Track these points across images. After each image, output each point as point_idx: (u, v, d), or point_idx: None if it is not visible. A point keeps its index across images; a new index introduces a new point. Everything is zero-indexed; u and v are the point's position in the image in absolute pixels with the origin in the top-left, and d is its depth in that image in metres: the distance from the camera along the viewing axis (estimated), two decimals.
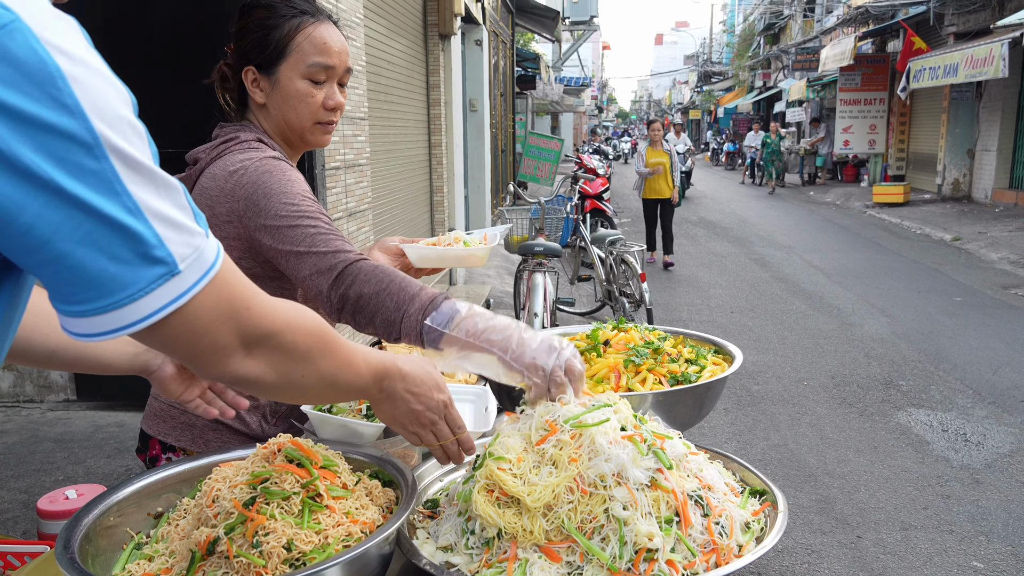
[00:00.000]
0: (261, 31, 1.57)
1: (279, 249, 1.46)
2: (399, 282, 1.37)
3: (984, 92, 15.47)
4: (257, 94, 1.61)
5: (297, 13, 1.57)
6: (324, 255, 1.41)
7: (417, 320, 1.32)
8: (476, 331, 1.27)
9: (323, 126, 1.64)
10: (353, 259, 1.40)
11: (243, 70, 1.60)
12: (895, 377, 5.83)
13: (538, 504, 1.15)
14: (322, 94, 1.60)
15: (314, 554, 1.08)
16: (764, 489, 1.34)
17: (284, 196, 1.47)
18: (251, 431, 1.67)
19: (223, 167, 1.54)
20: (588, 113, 51.16)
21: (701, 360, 1.83)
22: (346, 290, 1.38)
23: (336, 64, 1.60)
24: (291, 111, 1.59)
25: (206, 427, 1.65)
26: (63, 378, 4.71)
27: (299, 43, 1.56)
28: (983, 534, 3.59)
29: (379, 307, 1.36)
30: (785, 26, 33.41)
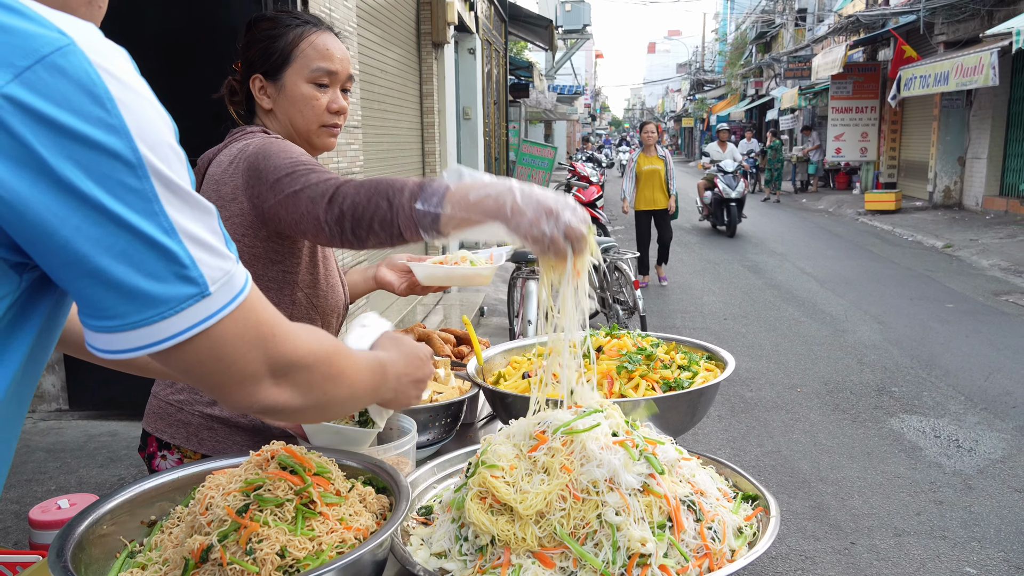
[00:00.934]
0: (267, 40, 1.65)
1: (279, 199, 1.47)
2: (387, 181, 1.36)
3: (974, 100, 15.58)
4: (264, 100, 1.68)
5: (300, 23, 1.66)
6: (317, 184, 1.42)
7: (410, 207, 1.29)
8: (468, 204, 1.23)
9: (328, 129, 1.70)
10: (343, 180, 1.42)
11: (250, 78, 1.68)
12: (888, 383, 5.85)
13: (530, 512, 1.15)
14: (326, 98, 1.67)
15: (308, 561, 1.08)
16: (756, 494, 1.35)
17: (281, 154, 1.51)
18: (249, 422, 1.68)
19: (228, 153, 1.62)
20: (581, 121, 51.32)
21: (694, 366, 1.84)
22: (340, 206, 1.37)
23: (339, 70, 1.67)
24: (297, 114, 1.66)
25: (201, 425, 1.67)
26: (55, 388, 4.69)
27: (303, 49, 1.64)
28: (976, 540, 3.60)
29: (375, 210, 1.33)
30: (777, 35, 33.62)
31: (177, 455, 1.70)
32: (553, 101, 27.24)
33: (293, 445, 1.26)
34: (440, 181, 1.29)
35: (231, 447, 1.68)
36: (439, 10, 7.74)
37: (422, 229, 1.29)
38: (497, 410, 1.85)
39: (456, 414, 1.80)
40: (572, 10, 30.38)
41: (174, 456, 1.71)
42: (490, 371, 1.96)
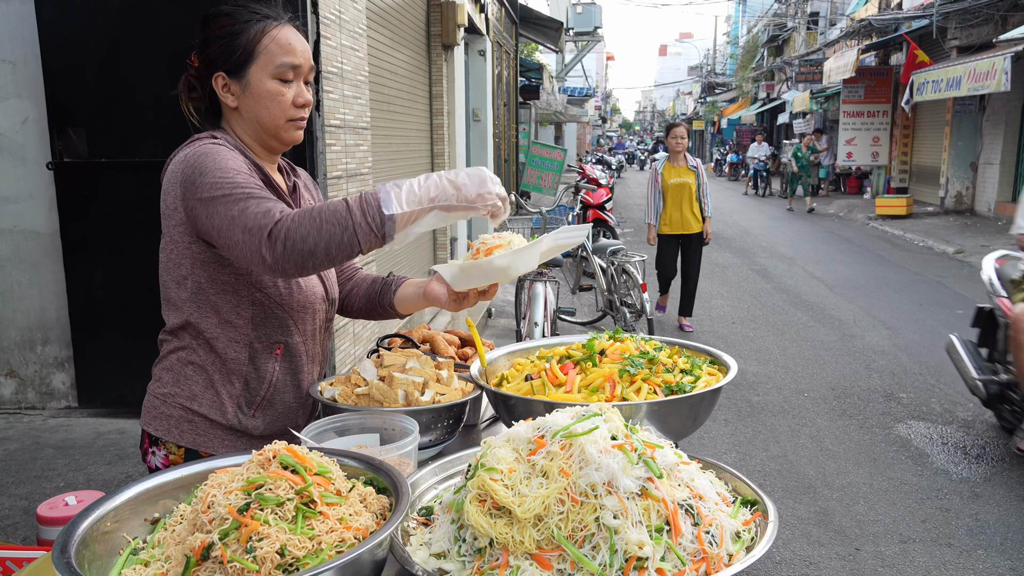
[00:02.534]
0: (227, 37, 1.62)
1: (212, 222, 1.50)
2: (326, 209, 1.42)
3: (987, 105, 15.49)
4: (228, 99, 1.66)
5: (260, 17, 1.64)
6: (253, 215, 1.44)
7: (367, 221, 1.40)
8: (416, 197, 1.43)
9: (295, 123, 1.69)
10: (279, 216, 1.43)
11: (212, 77, 1.65)
12: (896, 389, 5.83)
13: (528, 515, 1.16)
14: (291, 92, 1.66)
15: (307, 559, 1.09)
16: (756, 499, 1.35)
17: (217, 171, 1.51)
18: (227, 421, 1.69)
19: (173, 162, 1.62)
20: (592, 123, 51.27)
21: (696, 370, 1.84)
22: (284, 243, 1.40)
23: (302, 63, 1.66)
24: (264, 111, 1.64)
25: (181, 418, 1.69)
26: (64, 385, 4.73)
27: (266, 45, 1.62)
28: (982, 548, 3.58)
29: (329, 239, 1.40)
30: (789, 38, 33.51)
31: (163, 451, 1.72)
32: (563, 103, 27.25)
33: (294, 445, 1.27)
34: (380, 188, 1.43)
35: (210, 442, 1.70)
36: (449, 12, 7.75)
37: (385, 237, 1.42)
38: (499, 412, 1.85)
39: (459, 415, 1.81)
40: (583, 12, 30.36)
41: (161, 452, 1.72)
42: (493, 373, 1.96)
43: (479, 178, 1.46)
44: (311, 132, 4.13)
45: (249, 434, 1.72)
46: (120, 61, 4.30)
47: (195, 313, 1.66)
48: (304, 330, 1.77)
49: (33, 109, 4.44)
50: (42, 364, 4.70)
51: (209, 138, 1.64)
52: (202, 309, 1.65)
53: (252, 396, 1.71)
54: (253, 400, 1.71)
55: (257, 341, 1.70)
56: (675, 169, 7.33)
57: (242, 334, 1.68)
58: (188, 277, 1.64)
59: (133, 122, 4.34)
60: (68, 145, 4.40)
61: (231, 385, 1.69)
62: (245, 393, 1.70)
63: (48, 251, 4.57)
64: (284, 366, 1.74)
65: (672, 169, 7.34)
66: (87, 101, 4.36)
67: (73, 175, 4.44)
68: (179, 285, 1.65)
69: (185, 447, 1.70)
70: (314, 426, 1.61)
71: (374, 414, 1.66)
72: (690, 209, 7.34)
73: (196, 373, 1.69)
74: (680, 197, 7.30)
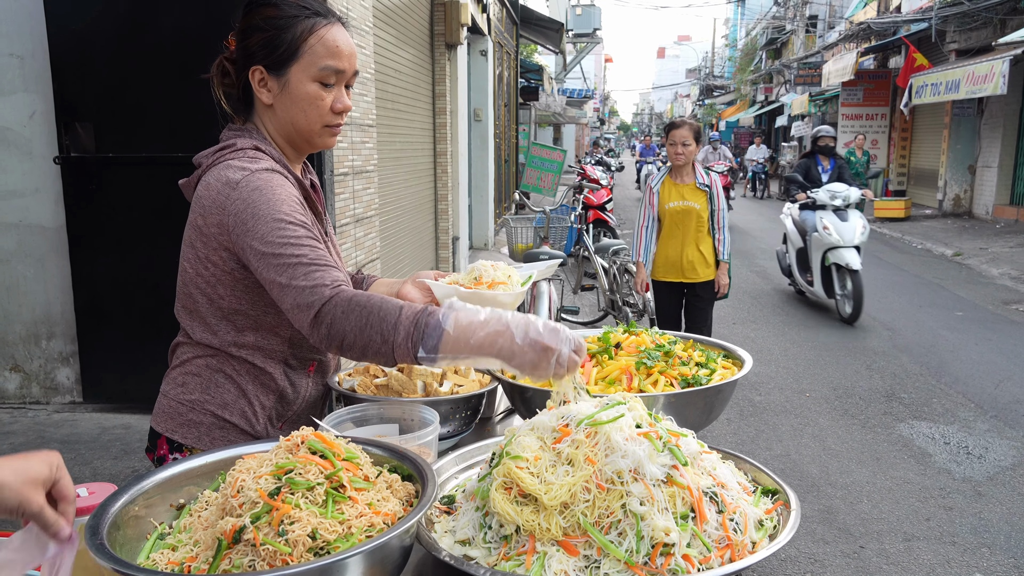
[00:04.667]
0: (272, 31, 1.52)
1: (263, 276, 1.45)
2: (379, 310, 1.34)
3: (985, 109, 15.55)
4: (264, 95, 1.57)
5: (310, 14, 1.53)
6: (303, 290, 1.39)
7: (406, 348, 1.32)
8: (467, 347, 1.29)
9: (330, 129, 1.61)
10: (329, 295, 1.37)
11: (250, 69, 1.56)
12: (897, 390, 5.85)
13: (555, 503, 1.17)
14: (331, 97, 1.57)
15: (338, 543, 1.10)
16: (776, 489, 1.37)
17: (271, 219, 1.43)
18: (256, 432, 1.65)
19: (216, 177, 1.51)
20: (590, 125, 51.32)
21: (711, 364, 1.86)
22: (328, 329, 1.37)
23: (346, 68, 1.57)
24: (300, 114, 1.56)
25: (212, 425, 1.63)
26: (69, 380, 4.73)
27: (312, 45, 1.52)
28: (985, 546, 3.60)
29: (367, 343, 1.35)
30: (787, 41, 33.58)
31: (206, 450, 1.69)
32: (562, 104, 27.26)
33: (322, 432, 1.28)
34: (436, 321, 1.30)
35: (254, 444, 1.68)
36: (453, 11, 7.77)
37: (420, 362, 1.33)
38: (516, 403, 1.87)
39: (476, 407, 1.82)
40: (583, 14, 30.40)
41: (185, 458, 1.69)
42: None
43: (541, 351, 1.28)
44: None
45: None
46: (128, 56, 4.30)
47: (229, 333, 1.60)
48: None
49: (41, 103, 4.44)
50: (47, 359, 4.70)
51: (253, 149, 1.55)
52: (238, 329, 1.60)
53: (285, 410, 1.67)
54: (284, 414, 1.68)
55: (292, 358, 1.66)
56: (678, 188, 5.10)
57: (278, 352, 1.63)
58: (226, 298, 1.57)
59: (140, 117, 4.34)
60: (75, 140, 4.41)
61: (265, 398, 1.64)
62: (278, 407, 1.66)
63: (54, 245, 4.57)
64: (316, 381, 1.72)
65: (673, 188, 5.11)
66: (95, 96, 4.36)
67: (80, 170, 4.44)
68: (213, 304, 1.58)
69: None
70: (333, 416, 1.61)
71: (393, 404, 1.67)
72: (697, 246, 5.09)
73: (227, 382, 1.62)
74: (684, 228, 5.07)
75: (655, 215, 5.19)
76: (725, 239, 5.15)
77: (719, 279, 5.18)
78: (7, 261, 4.61)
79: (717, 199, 5.11)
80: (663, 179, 5.20)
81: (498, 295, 1.49)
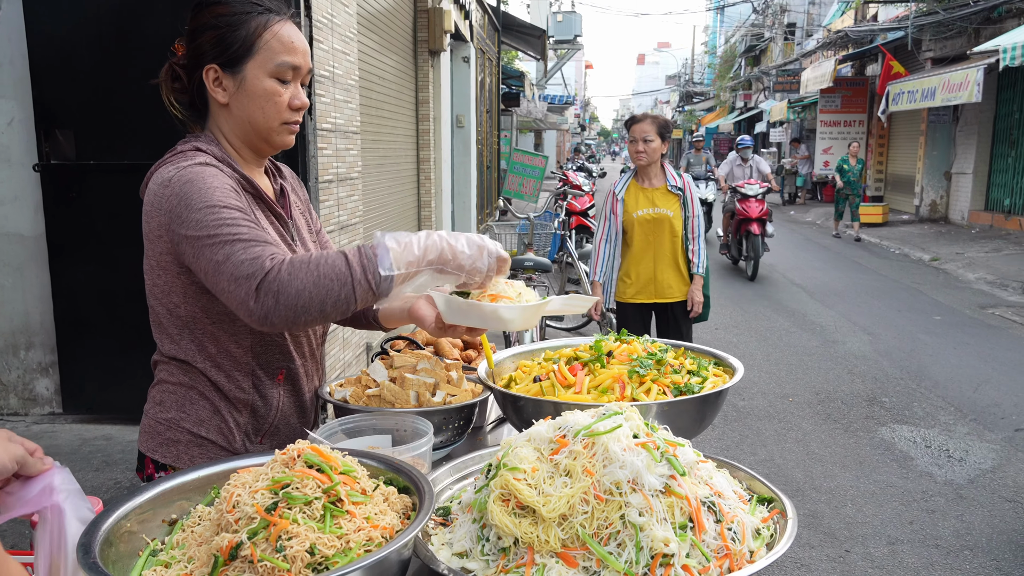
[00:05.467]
0: (225, 28, 1.51)
1: (200, 265, 1.41)
2: (323, 262, 1.33)
3: (961, 116, 15.79)
4: (220, 94, 1.54)
5: (263, 10, 1.52)
6: (241, 263, 1.34)
7: (367, 279, 1.33)
8: (415, 258, 1.36)
9: (288, 126, 1.59)
10: (269, 265, 1.33)
11: (204, 69, 1.53)
12: (878, 394, 5.91)
13: (554, 515, 1.17)
14: (288, 93, 1.55)
15: (336, 558, 1.09)
16: (771, 496, 1.37)
17: (203, 204, 1.40)
18: (234, 448, 1.63)
19: (155, 180, 1.50)
20: (571, 131, 51.50)
21: (703, 371, 1.86)
22: (275, 299, 1.31)
23: (301, 64, 1.56)
24: (258, 111, 1.54)
25: (190, 443, 1.61)
26: (48, 391, 4.66)
27: (267, 40, 1.51)
28: (968, 548, 3.64)
29: (326, 294, 1.32)
30: (766, 48, 33.93)
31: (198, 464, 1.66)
32: (544, 111, 27.34)
33: (318, 445, 1.27)
34: (378, 242, 1.35)
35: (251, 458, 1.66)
36: (436, 18, 7.77)
37: (380, 295, 1.35)
38: (508, 413, 1.86)
39: (469, 417, 1.81)
40: (563, 20, 30.55)
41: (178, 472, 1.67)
42: (499, 375, 1.97)
43: (477, 248, 1.40)
44: (303, 136, 4.12)
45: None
46: (108, 63, 4.26)
47: (192, 344, 1.57)
48: (303, 352, 1.71)
49: (20, 110, 4.38)
50: (25, 369, 4.63)
51: (192, 150, 1.53)
52: (199, 340, 1.57)
53: (260, 424, 1.65)
54: (261, 428, 1.66)
55: (259, 368, 1.62)
56: (646, 193, 4.38)
57: (243, 363, 1.60)
58: (180, 306, 1.54)
59: (121, 125, 4.30)
60: (55, 147, 4.35)
61: (238, 414, 1.62)
62: (253, 421, 1.64)
63: (33, 254, 4.50)
64: (287, 390, 1.68)
65: (641, 193, 4.40)
66: (75, 103, 4.31)
67: (60, 177, 4.38)
68: (171, 314, 1.56)
69: None
70: (325, 428, 1.60)
71: (386, 415, 1.66)
72: (671, 261, 4.41)
73: (200, 399, 1.60)
74: (656, 240, 4.38)
75: (619, 226, 4.42)
76: (700, 249, 4.44)
77: (692, 296, 4.46)
78: None
79: (692, 204, 4.41)
80: (628, 183, 4.46)
81: (498, 308, 1.46)
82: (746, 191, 11.14)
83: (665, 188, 4.41)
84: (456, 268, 1.38)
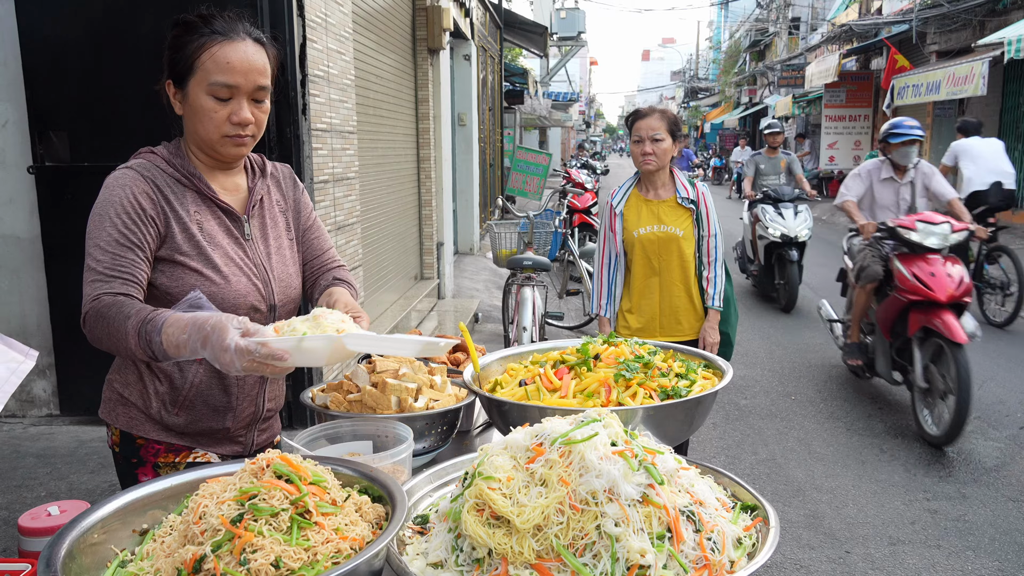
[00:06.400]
0: (175, 48, 1.66)
1: None
2: (113, 324, 1.52)
3: (966, 109, 15.68)
4: (177, 106, 1.71)
5: (207, 33, 1.64)
6: (84, 295, 1.58)
7: (145, 353, 1.50)
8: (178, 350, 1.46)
9: (232, 139, 1.69)
10: (86, 310, 1.56)
11: (165, 83, 1.71)
12: (882, 392, 5.85)
13: (528, 525, 1.14)
14: (226, 110, 1.66)
15: (303, 571, 1.07)
16: (755, 504, 1.34)
17: (93, 217, 1.63)
18: (151, 414, 1.76)
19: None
20: (576, 128, 51.42)
21: (691, 375, 1.83)
22: (90, 336, 1.57)
23: (239, 83, 1.64)
24: (199, 125, 1.67)
25: (117, 402, 1.77)
26: (46, 393, 4.65)
27: (203, 61, 1.63)
28: (970, 549, 3.60)
29: (117, 349, 1.54)
30: (770, 43, 33.79)
31: (109, 432, 1.81)
32: (548, 108, 27.29)
33: (288, 453, 1.24)
34: (154, 332, 1.47)
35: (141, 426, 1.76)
36: (434, 16, 7.74)
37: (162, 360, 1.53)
38: (493, 418, 1.83)
39: (453, 422, 1.78)
40: (567, 17, 30.47)
41: (109, 433, 1.83)
42: (486, 378, 1.95)
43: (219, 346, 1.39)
44: (298, 136, 4.09)
45: (174, 429, 1.77)
46: (103, 63, 4.24)
47: None
48: None
49: (13, 112, 4.37)
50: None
51: (147, 151, 1.73)
52: None
53: (175, 395, 1.75)
54: (176, 400, 1.75)
55: None
56: (650, 207, 3.50)
57: None
58: None
59: (115, 126, 4.28)
60: (50, 149, 4.34)
61: (158, 383, 1.74)
62: (169, 392, 1.75)
63: (29, 256, 4.50)
64: (207, 368, 1.75)
65: (644, 207, 3.51)
66: (69, 104, 4.30)
67: (55, 179, 4.37)
68: None
69: (120, 429, 1.76)
70: (306, 433, 1.58)
71: (367, 421, 1.63)
72: (682, 292, 3.50)
73: (131, 364, 1.76)
74: (664, 265, 3.48)
75: (618, 248, 3.54)
76: (716, 277, 3.49)
77: (705, 335, 3.50)
78: None
79: (707, 220, 3.48)
80: (628, 194, 3.56)
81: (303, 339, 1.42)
82: (920, 235, 5.02)
83: (674, 200, 3.48)
84: (210, 358, 1.43)
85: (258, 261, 1.77)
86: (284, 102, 4.05)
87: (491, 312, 8.26)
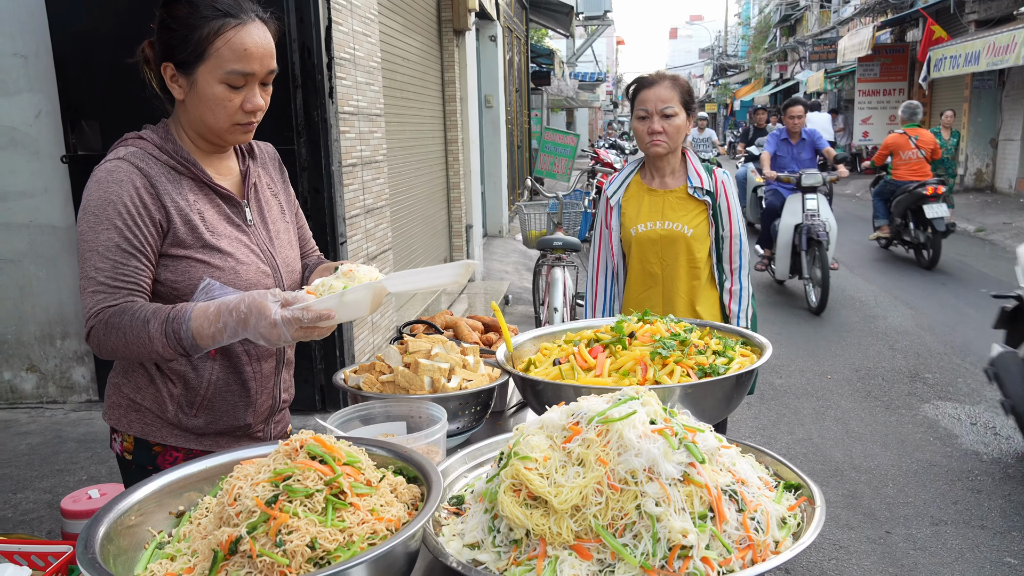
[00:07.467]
0: (180, 30, 1.52)
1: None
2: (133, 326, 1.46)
3: (1007, 80, 15.22)
4: (176, 90, 1.58)
5: (220, 15, 1.51)
6: (84, 307, 1.51)
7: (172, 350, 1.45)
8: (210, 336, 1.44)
9: (242, 127, 1.60)
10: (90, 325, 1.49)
11: (162, 65, 1.57)
12: (921, 370, 5.74)
13: (566, 506, 1.12)
14: (240, 98, 1.56)
15: (339, 552, 1.06)
16: (799, 483, 1.30)
17: (87, 217, 1.51)
18: (167, 418, 1.66)
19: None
20: (603, 108, 50.99)
21: (729, 352, 1.79)
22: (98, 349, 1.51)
23: (256, 70, 1.55)
24: (208, 113, 1.56)
25: (129, 407, 1.67)
26: (85, 379, 4.73)
27: (218, 48, 1.51)
28: (1016, 529, 3.51)
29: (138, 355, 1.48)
30: (801, 17, 33.09)
31: (120, 438, 1.71)
32: (575, 88, 27.06)
33: (322, 434, 1.23)
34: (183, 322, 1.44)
35: (157, 431, 1.67)
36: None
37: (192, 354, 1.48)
38: (527, 397, 1.81)
39: (486, 402, 1.76)
40: None
41: (119, 439, 1.72)
42: (519, 358, 1.92)
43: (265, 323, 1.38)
44: (325, 120, 4.08)
45: (193, 432, 1.68)
46: (131, 52, 4.25)
47: None
48: None
49: (46, 103, 4.42)
50: (62, 358, 4.71)
51: (135, 138, 1.61)
52: None
53: (192, 396, 1.65)
54: (193, 401, 1.66)
55: None
56: (653, 198, 2.78)
57: None
58: None
59: (145, 115, 4.29)
60: (82, 138, 4.38)
61: (172, 385, 1.64)
62: (185, 394, 1.65)
63: (65, 245, 4.56)
64: (222, 365, 1.66)
65: (645, 197, 2.79)
66: (99, 93, 4.33)
67: (87, 168, 4.39)
68: None
69: (134, 436, 1.67)
70: (339, 415, 1.57)
71: (400, 402, 1.62)
72: (687, 304, 2.76)
73: (140, 367, 1.66)
74: (663, 272, 2.76)
75: (612, 248, 2.81)
76: (742, 290, 2.76)
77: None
78: (19, 262, 4.61)
79: (729, 217, 2.73)
80: (627, 182, 2.82)
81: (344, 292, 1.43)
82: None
83: (684, 191, 2.72)
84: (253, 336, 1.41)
85: (263, 247, 1.69)
86: (311, 85, 4.03)
87: (521, 294, 8.24)
